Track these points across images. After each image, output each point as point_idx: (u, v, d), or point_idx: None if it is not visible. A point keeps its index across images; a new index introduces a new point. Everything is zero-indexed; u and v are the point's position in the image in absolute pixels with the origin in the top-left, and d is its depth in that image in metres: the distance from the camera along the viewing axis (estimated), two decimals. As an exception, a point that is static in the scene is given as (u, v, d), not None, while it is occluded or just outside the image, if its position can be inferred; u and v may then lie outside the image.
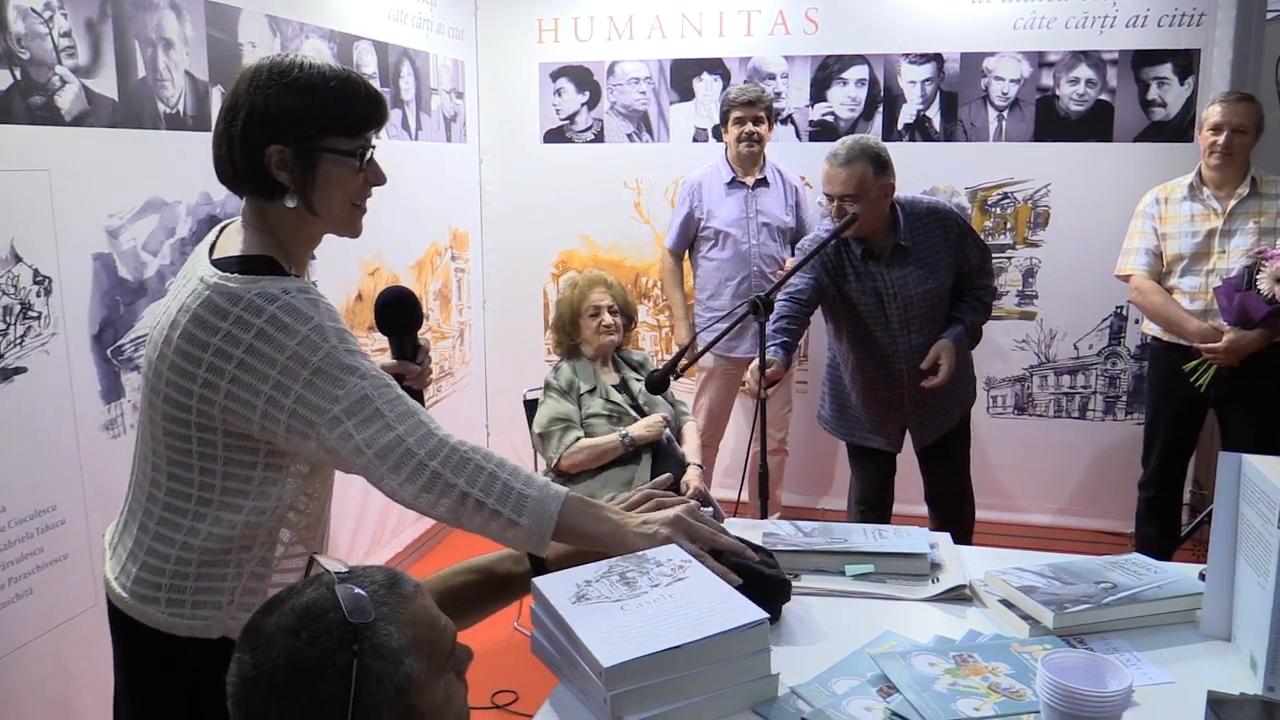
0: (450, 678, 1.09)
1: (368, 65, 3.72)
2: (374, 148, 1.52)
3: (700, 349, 3.22)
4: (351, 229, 1.55)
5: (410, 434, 1.36)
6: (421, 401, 1.75)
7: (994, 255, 4.10)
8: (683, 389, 4.53)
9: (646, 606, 1.24)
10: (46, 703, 2.45)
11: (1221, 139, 3.43)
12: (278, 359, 1.34)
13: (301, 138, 1.41)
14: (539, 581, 1.31)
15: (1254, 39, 3.98)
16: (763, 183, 4.04)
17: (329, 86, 1.43)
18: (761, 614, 1.22)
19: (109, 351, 2.62)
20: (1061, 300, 4.19)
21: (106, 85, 2.57)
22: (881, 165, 2.96)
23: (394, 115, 3.93)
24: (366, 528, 3.86)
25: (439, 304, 4.37)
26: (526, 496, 1.36)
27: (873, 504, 3.48)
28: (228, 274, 1.39)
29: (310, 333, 1.35)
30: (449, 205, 4.43)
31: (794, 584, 1.54)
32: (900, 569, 1.56)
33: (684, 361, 3.06)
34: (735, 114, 3.94)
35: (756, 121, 3.92)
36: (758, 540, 1.63)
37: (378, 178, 1.52)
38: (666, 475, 1.72)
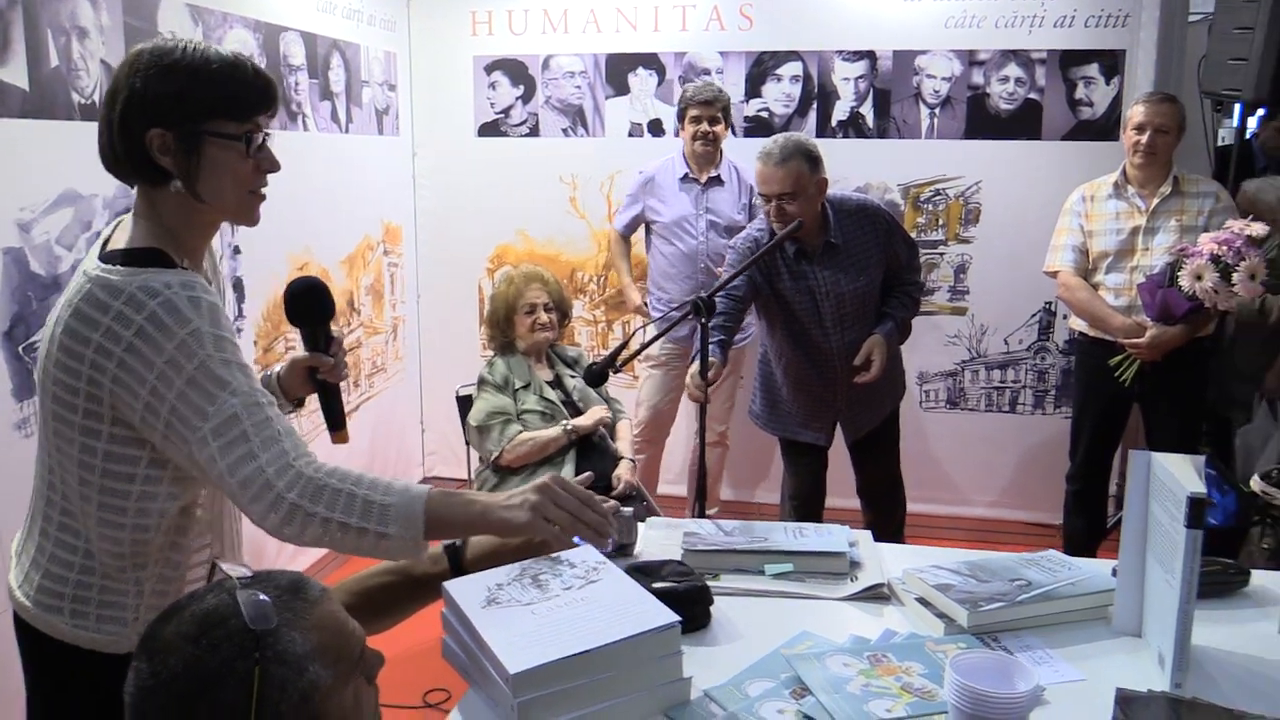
0: (359, 683, 1.06)
1: (295, 56, 3.65)
2: (267, 134, 1.49)
3: (638, 347, 3.21)
4: (248, 217, 1.51)
5: (271, 464, 1.31)
6: (336, 395, 1.71)
7: (926, 251, 4.16)
8: (620, 384, 4.53)
9: (557, 610, 1.23)
10: (-47, 714, 2.37)
11: (1144, 138, 3.49)
12: (155, 362, 1.30)
13: (183, 121, 1.37)
14: (449, 585, 1.28)
15: (1176, 41, 4.06)
16: (716, 181, 4.03)
17: (212, 69, 1.39)
18: (673, 617, 1.20)
19: (20, 348, 2.54)
20: (992, 296, 4.24)
21: (16, 75, 2.49)
22: (815, 162, 3.00)
23: (323, 108, 3.85)
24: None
25: (371, 299, 4.30)
26: (388, 505, 1.33)
27: (805, 499, 3.51)
28: (110, 266, 1.35)
29: (187, 337, 1.31)
30: (381, 199, 4.36)
31: (713, 584, 1.54)
32: (819, 568, 1.56)
33: (623, 355, 3.08)
34: (692, 112, 3.93)
35: (713, 121, 3.91)
36: (678, 540, 1.62)
37: (270, 164, 1.50)
38: (588, 474, 1.70)
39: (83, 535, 1.40)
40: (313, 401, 1.83)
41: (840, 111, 4.25)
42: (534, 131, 4.50)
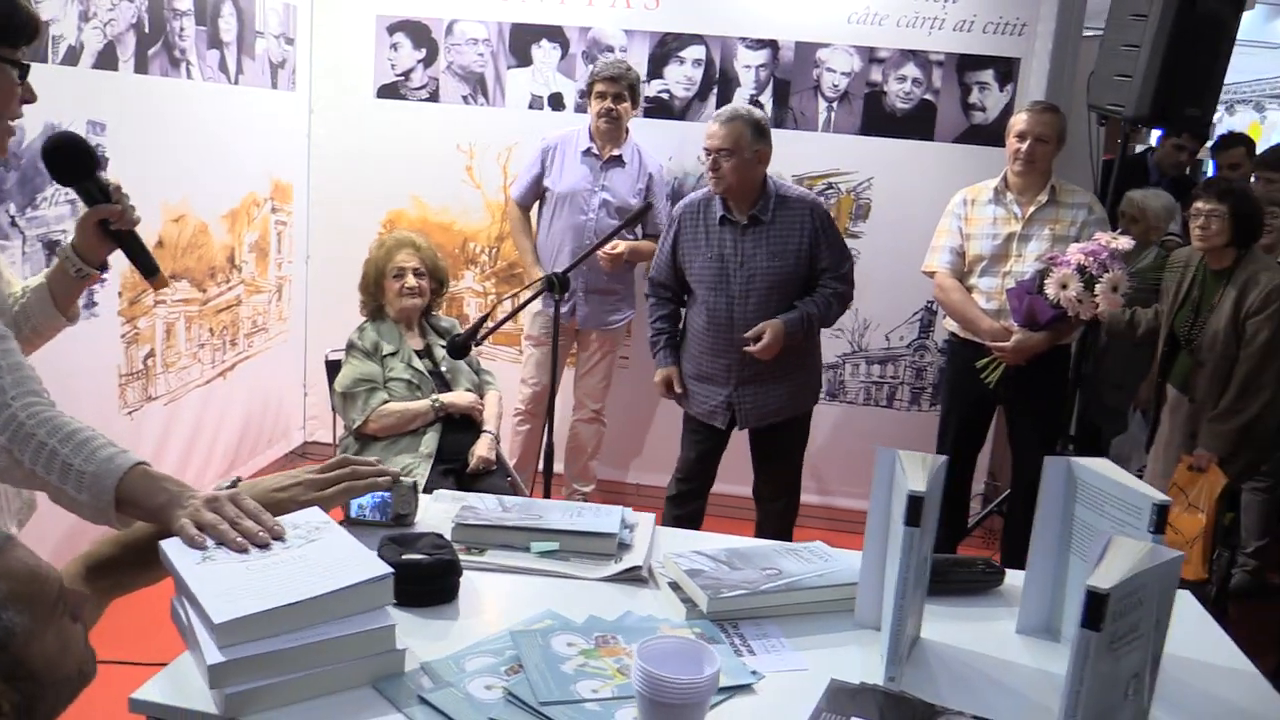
0: (64, 623, 1.05)
1: (182, 2, 3.55)
2: (28, 66, 1.47)
3: (501, 318, 3.19)
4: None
5: None
6: (136, 241, 1.70)
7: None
8: (506, 358, 4.51)
9: (274, 567, 1.22)
10: None
11: (1024, 146, 3.55)
12: None
13: None
14: (165, 545, 1.26)
15: (1070, 53, 4.12)
16: (617, 160, 4.02)
17: None
18: (385, 569, 1.20)
19: None
20: (877, 291, 4.28)
21: None
22: (760, 131, 3.19)
23: (211, 56, 3.76)
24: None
25: (255, 256, 4.22)
26: (84, 473, 1.30)
27: (689, 475, 3.59)
28: None
29: None
30: (272, 155, 4.27)
31: (477, 559, 1.53)
32: (586, 548, 1.56)
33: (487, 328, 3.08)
34: (598, 88, 3.92)
35: (617, 99, 3.90)
36: (453, 513, 1.62)
37: (30, 95, 1.48)
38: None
39: None
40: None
41: (740, 98, 4.25)
42: (434, 97, 4.44)
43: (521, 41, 4.33)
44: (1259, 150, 5.02)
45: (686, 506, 3.60)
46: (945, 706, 1.22)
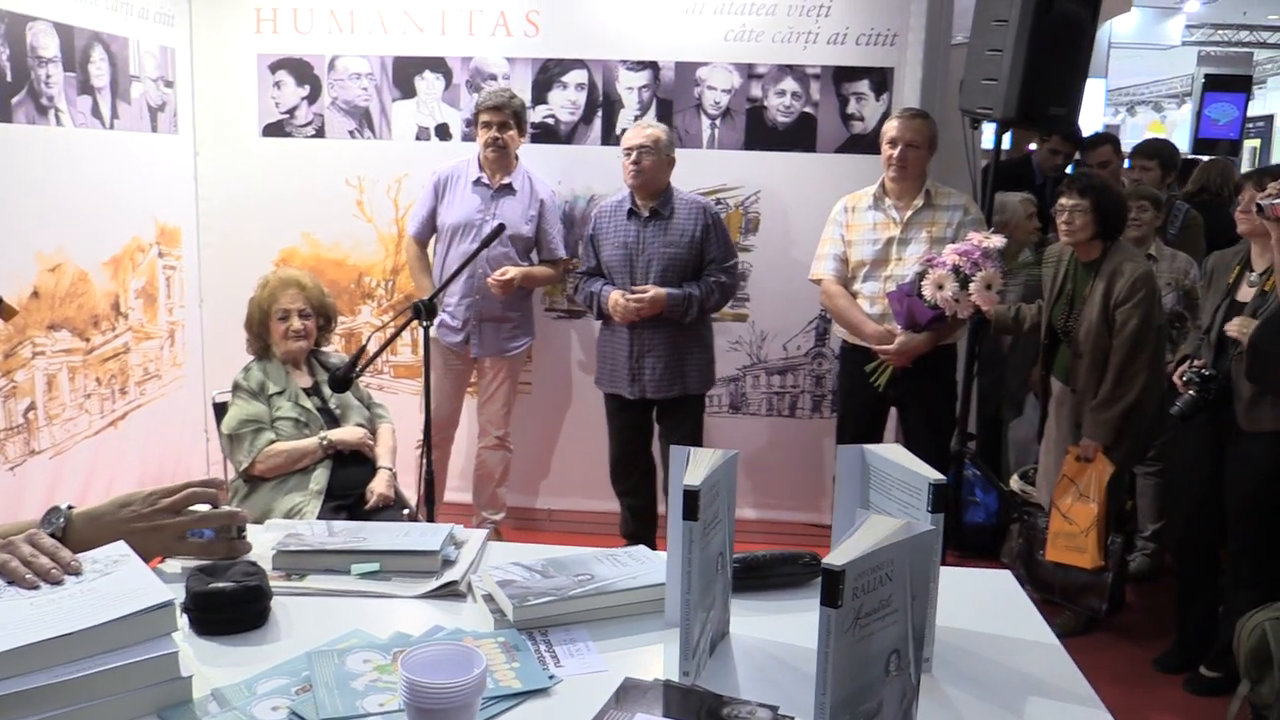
0: None
1: (47, 48, 3.51)
2: None
3: (374, 351, 3.19)
4: None
5: None
6: None
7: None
8: (409, 390, 4.49)
9: (57, 601, 1.20)
10: None
11: (896, 152, 3.64)
12: None
13: None
14: None
15: (940, 61, 4.23)
16: (508, 188, 4.04)
17: None
18: (165, 596, 1.19)
19: None
20: (771, 303, 4.35)
21: None
22: (673, 140, 3.85)
23: (82, 102, 3.72)
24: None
25: (142, 302, 4.17)
26: None
27: (620, 460, 4.02)
28: None
29: None
30: (154, 199, 4.23)
31: (296, 584, 1.53)
32: (409, 566, 1.56)
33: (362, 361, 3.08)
34: (483, 117, 3.96)
35: (502, 127, 3.93)
36: (273, 541, 1.61)
37: None
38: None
39: None
40: None
41: (625, 120, 4.30)
42: (320, 133, 4.43)
43: (405, 74, 4.35)
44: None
45: (627, 482, 4.04)
46: (734, 697, 1.23)
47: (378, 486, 3.32)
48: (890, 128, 3.71)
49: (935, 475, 1.29)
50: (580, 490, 4.56)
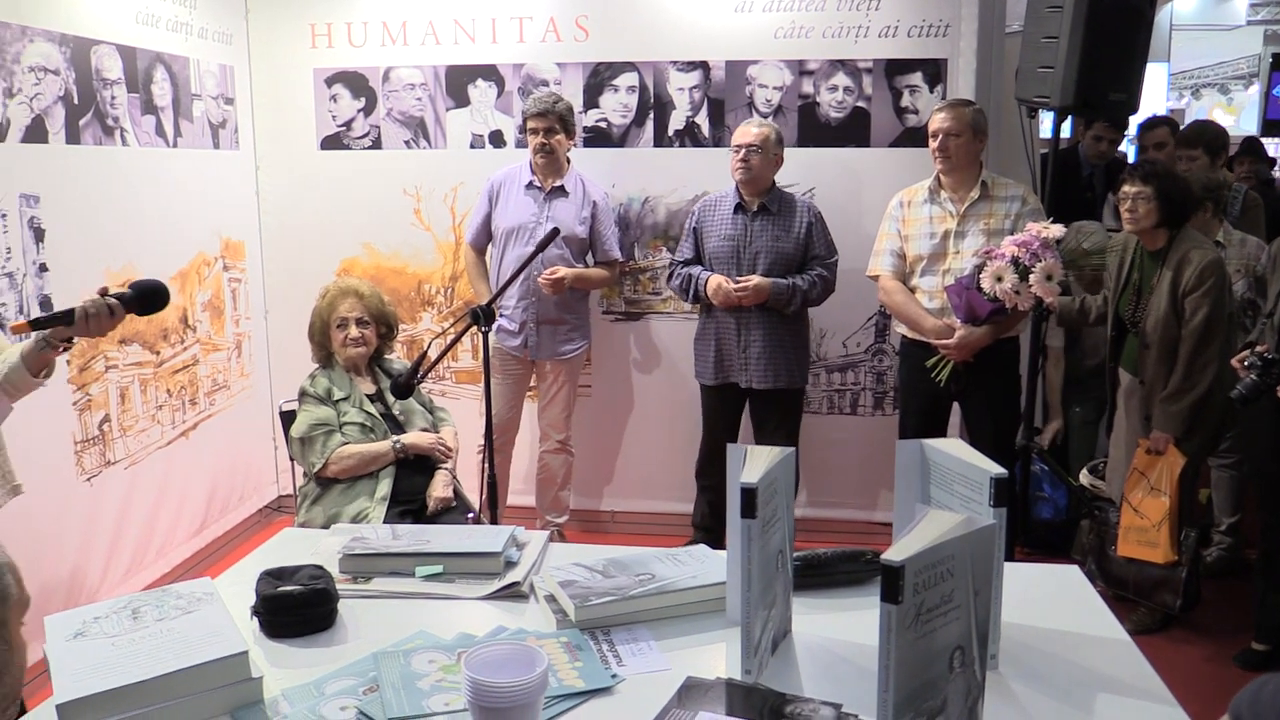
0: None
1: (111, 70, 3.62)
2: None
3: (435, 357, 3.23)
4: None
5: None
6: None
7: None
8: (470, 395, 4.54)
9: (138, 641, 1.24)
10: None
11: (937, 143, 3.59)
12: None
13: None
14: (49, 620, 1.29)
15: (995, 50, 4.17)
16: (560, 191, 4.07)
17: None
18: (240, 648, 1.22)
19: None
20: (829, 301, 4.28)
21: None
22: (781, 140, 3.90)
23: (146, 122, 3.82)
24: (124, 549, 3.74)
25: (209, 315, 4.27)
26: None
27: (710, 454, 4.08)
28: None
29: None
30: (219, 214, 4.32)
31: (362, 587, 1.55)
32: (472, 568, 1.58)
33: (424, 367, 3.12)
34: (530, 124, 3.99)
35: (549, 132, 3.96)
36: (339, 545, 1.64)
37: None
38: None
39: None
40: None
41: (676, 121, 4.30)
42: (377, 144, 4.50)
43: (458, 83, 4.40)
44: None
45: (714, 476, 4.05)
46: (796, 695, 1.23)
47: (435, 490, 3.36)
48: (932, 120, 3.68)
49: (996, 469, 1.28)
50: (643, 491, 4.57)
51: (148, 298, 2.23)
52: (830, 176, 4.25)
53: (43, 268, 3.33)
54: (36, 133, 3.25)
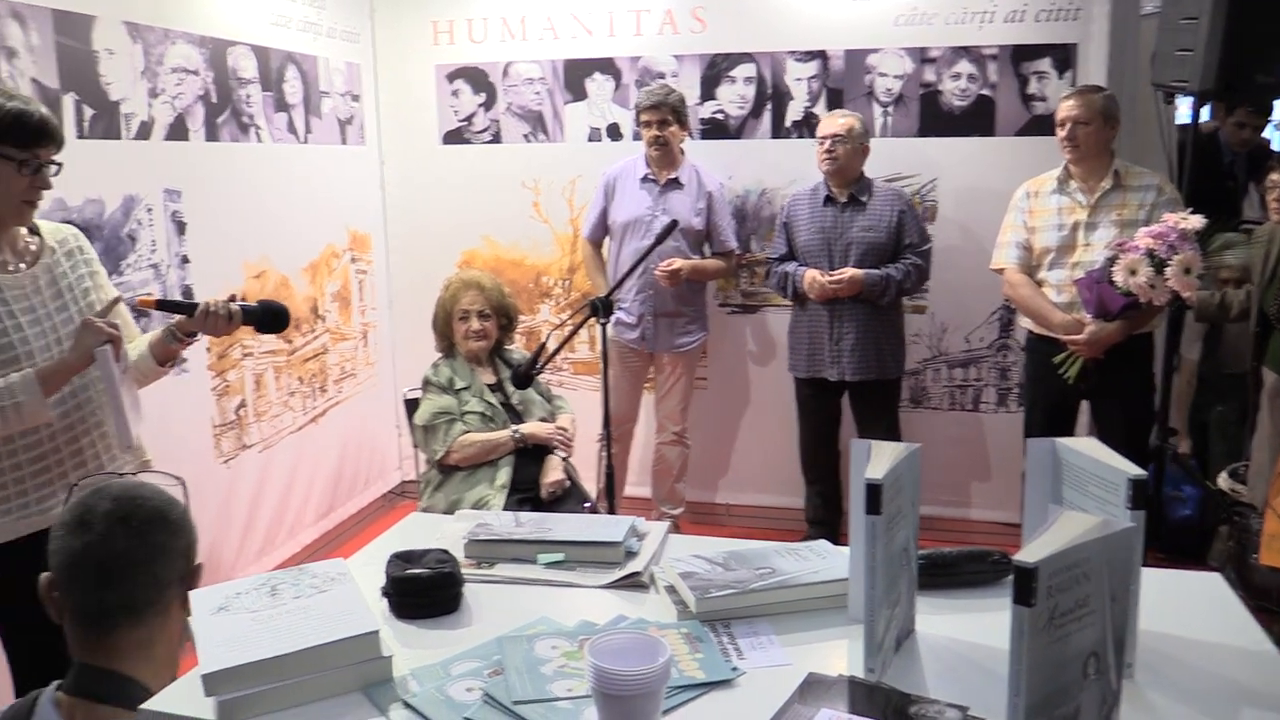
0: None
1: (246, 70, 3.77)
2: (52, 162, 2.05)
3: (554, 349, 3.26)
4: (19, 219, 2.07)
5: None
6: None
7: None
8: (587, 386, 4.59)
9: (278, 617, 1.29)
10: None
11: (1065, 132, 3.47)
12: None
13: None
14: (194, 595, 1.36)
15: (1130, 34, 4.00)
16: (675, 183, 4.08)
17: (5, 108, 1.96)
18: (372, 626, 1.26)
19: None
20: (951, 294, 4.22)
21: (-60, 94, 2.62)
22: (865, 130, 3.89)
23: (279, 119, 3.97)
24: (258, 529, 3.90)
25: (337, 305, 4.42)
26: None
27: (810, 447, 4.10)
28: None
29: None
30: (347, 207, 4.47)
31: (485, 572, 1.59)
32: (593, 557, 1.60)
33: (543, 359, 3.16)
34: (643, 117, 4.01)
35: (662, 124, 3.97)
36: (464, 530, 1.68)
37: (43, 184, 2.05)
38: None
39: None
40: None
41: (794, 112, 4.26)
42: (496, 138, 4.58)
43: (575, 77, 4.44)
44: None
45: (819, 469, 4.11)
46: (921, 696, 1.21)
47: (547, 475, 3.41)
48: (1059, 108, 3.55)
49: (1135, 470, 1.23)
50: (759, 485, 4.55)
51: (269, 318, 2.36)
52: (952, 167, 4.15)
53: (184, 259, 3.49)
54: (178, 131, 3.41)
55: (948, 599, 1.51)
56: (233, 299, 2.31)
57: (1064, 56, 4.01)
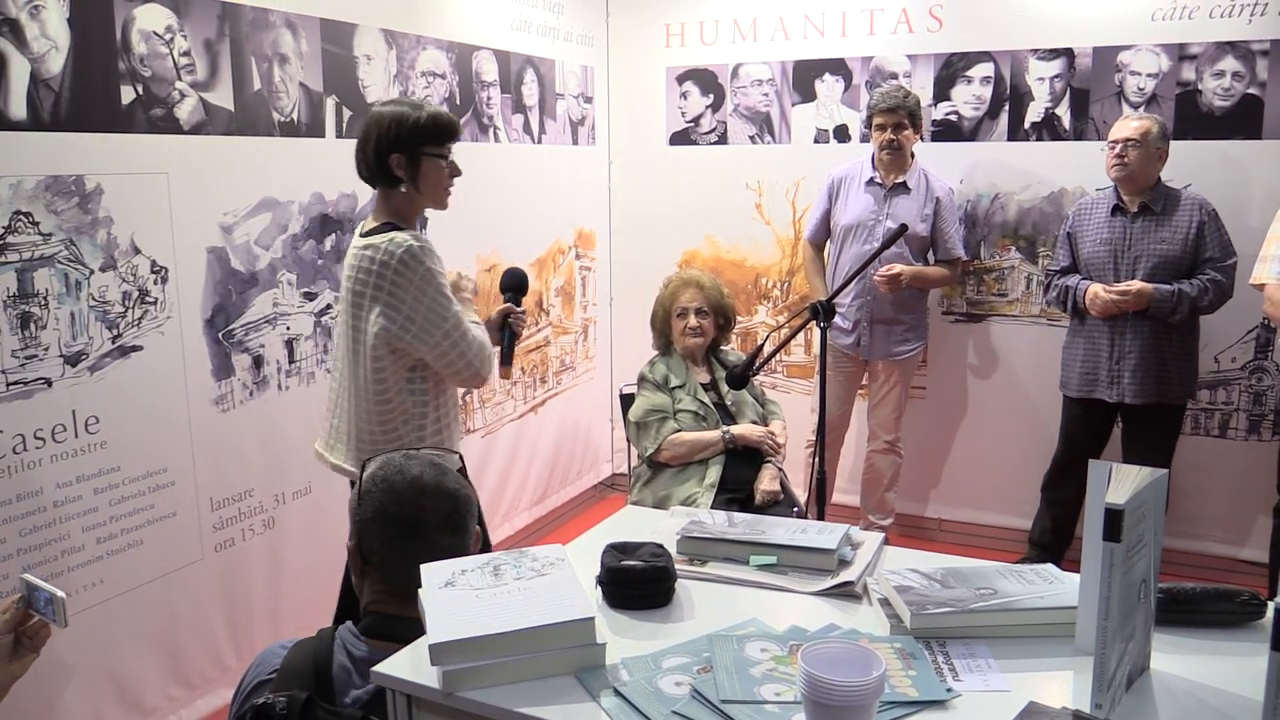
0: None
1: (488, 73, 3.96)
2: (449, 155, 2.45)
3: (771, 351, 3.26)
4: (443, 204, 2.50)
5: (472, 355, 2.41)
6: (515, 340, 2.74)
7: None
8: (800, 390, 4.55)
9: (500, 596, 1.35)
10: (152, 639, 2.80)
11: None
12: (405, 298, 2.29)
13: (412, 148, 2.36)
14: (424, 569, 1.44)
15: None
16: (902, 187, 3.99)
17: (425, 114, 2.38)
18: (589, 612, 1.30)
19: (220, 335, 2.95)
20: (1201, 310, 3.91)
21: (223, 97, 2.90)
22: (1164, 134, 3.59)
23: (516, 120, 4.15)
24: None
25: (560, 300, 4.57)
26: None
27: (1077, 459, 3.78)
28: (368, 240, 2.35)
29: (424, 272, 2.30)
30: (575, 205, 4.62)
31: (698, 569, 1.61)
32: (805, 563, 1.58)
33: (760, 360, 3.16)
34: (876, 120, 3.93)
35: (897, 128, 3.88)
36: (677, 527, 1.70)
37: (457, 171, 2.48)
38: None
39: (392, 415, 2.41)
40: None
41: (1034, 113, 4.07)
42: (722, 139, 4.61)
43: (805, 78, 4.41)
44: None
45: (1063, 490, 3.89)
46: (1153, 738, 1.13)
47: (763, 483, 3.40)
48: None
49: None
50: (973, 501, 4.39)
51: (523, 290, 2.81)
52: (1211, 172, 3.84)
53: (424, 252, 3.70)
54: (436, 131, 3.63)
55: (1188, 638, 1.41)
56: (509, 312, 2.72)
57: (1348, 52, 3.64)
